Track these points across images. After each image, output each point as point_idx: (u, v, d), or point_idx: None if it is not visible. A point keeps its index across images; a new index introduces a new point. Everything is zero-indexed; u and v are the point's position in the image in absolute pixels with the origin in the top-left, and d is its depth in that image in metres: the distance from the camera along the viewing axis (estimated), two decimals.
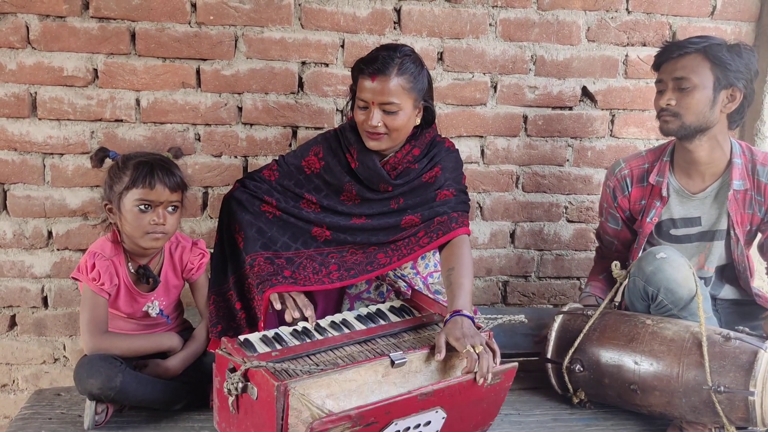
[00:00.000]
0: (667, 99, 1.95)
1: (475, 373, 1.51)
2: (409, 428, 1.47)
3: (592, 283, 2.26)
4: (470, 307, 1.73)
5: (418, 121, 1.93)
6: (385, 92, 1.81)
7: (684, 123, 1.94)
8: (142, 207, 1.76)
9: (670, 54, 1.96)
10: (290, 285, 1.79)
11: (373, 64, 1.83)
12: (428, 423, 1.50)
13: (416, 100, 1.88)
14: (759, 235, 2.09)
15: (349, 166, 1.96)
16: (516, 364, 1.61)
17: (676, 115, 1.94)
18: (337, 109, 2.38)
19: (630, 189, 2.13)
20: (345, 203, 1.98)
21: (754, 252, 2.14)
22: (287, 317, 1.74)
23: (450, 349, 1.59)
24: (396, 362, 1.54)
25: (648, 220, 2.09)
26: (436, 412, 1.49)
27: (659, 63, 2.00)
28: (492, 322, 1.70)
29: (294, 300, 1.78)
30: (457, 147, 2.04)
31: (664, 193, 2.06)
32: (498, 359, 1.59)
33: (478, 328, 1.65)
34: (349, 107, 1.96)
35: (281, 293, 1.79)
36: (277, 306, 1.76)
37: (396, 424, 1.43)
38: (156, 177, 1.75)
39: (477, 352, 1.53)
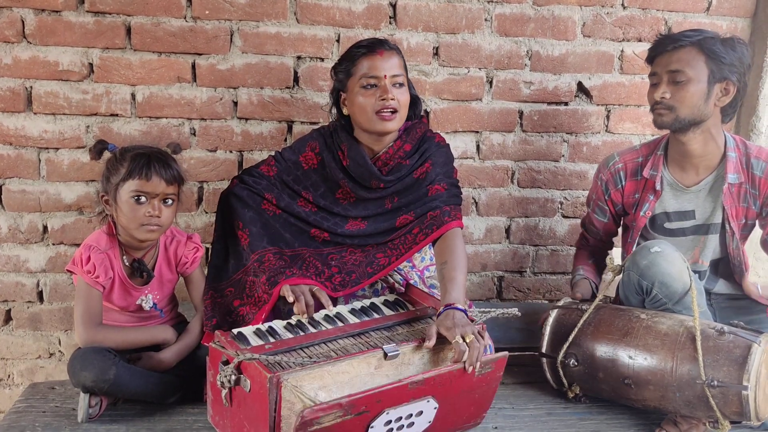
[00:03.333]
0: (661, 92, 1.95)
1: (465, 361, 1.51)
2: (401, 418, 1.47)
3: (584, 267, 2.25)
4: (463, 300, 1.73)
5: None
6: (395, 65, 1.89)
7: (678, 116, 1.94)
8: (138, 198, 1.76)
9: (665, 47, 1.95)
10: (306, 278, 1.79)
11: (373, 42, 1.90)
12: (420, 413, 1.49)
13: (408, 82, 1.96)
14: (760, 231, 2.08)
15: (342, 163, 1.97)
16: (506, 353, 1.61)
17: (671, 108, 1.94)
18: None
19: (624, 183, 2.13)
20: (341, 202, 1.98)
21: (748, 247, 2.14)
22: (297, 310, 1.71)
23: (443, 340, 1.59)
24: (389, 354, 1.54)
25: (641, 213, 2.09)
26: (428, 401, 1.49)
27: (653, 56, 2.00)
28: (485, 315, 1.70)
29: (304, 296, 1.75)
30: (452, 142, 2.05)
31: (658, 187, 2.06)
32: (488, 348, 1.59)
33: (471, 320, 1.65)
34: (335, 109, 2.00)
35: (293, 288, 1.75)
36: (290, 298, 1.71)
37: (388, 413, 1.43)
38: (152, 169, 1.76)
39: (467, 341, 1.53)
